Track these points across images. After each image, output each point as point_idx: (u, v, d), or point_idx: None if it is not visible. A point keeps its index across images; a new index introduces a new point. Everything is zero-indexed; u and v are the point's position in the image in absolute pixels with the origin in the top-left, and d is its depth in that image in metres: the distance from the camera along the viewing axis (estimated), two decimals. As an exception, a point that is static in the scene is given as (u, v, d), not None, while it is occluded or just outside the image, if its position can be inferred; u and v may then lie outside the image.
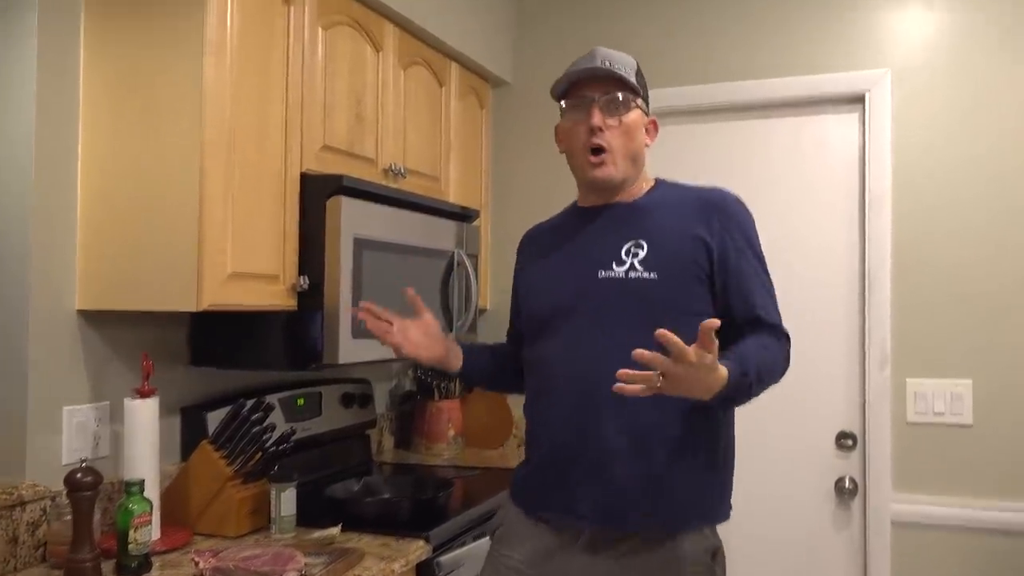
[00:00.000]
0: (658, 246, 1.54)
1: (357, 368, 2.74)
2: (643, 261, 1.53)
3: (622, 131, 1.57)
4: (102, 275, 1.80)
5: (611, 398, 1.45)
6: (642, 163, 1.64)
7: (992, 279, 2.54)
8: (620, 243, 1.56)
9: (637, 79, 1.60)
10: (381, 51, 2.35)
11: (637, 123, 1.60)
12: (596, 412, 1.51)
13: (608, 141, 1.57)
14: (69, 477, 1.58)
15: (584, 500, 1.51)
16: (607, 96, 1.57)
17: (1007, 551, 2.50)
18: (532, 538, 1.58)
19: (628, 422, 1.49)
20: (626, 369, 1.26)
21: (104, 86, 1.80)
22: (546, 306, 1.63)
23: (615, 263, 1.55)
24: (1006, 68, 2.55)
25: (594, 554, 1.51)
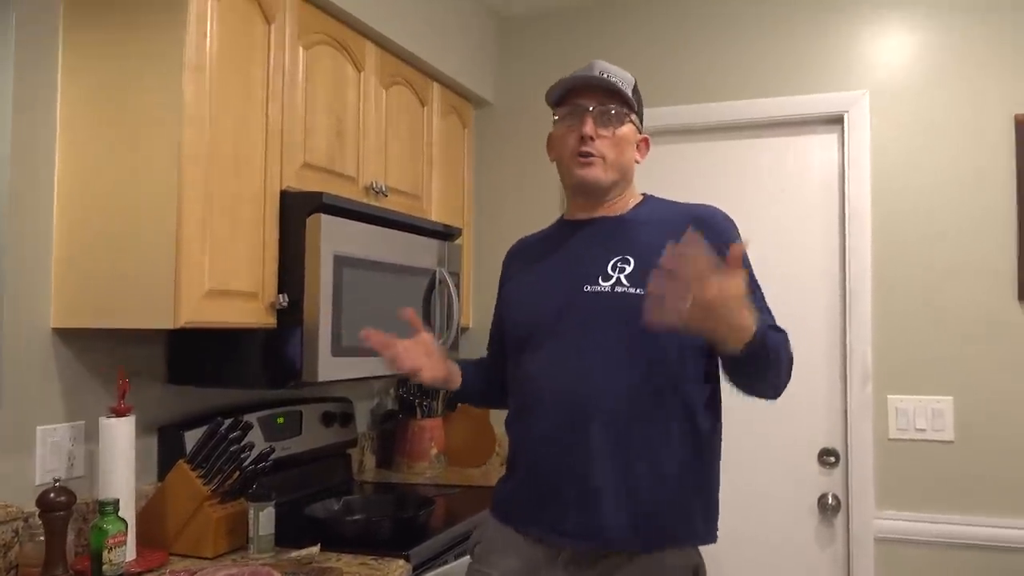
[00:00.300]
0: (645, 261, 1.51)
1: (338, 387, 2.73)
2: (629, 276, 1.52)
3: (613, 143, 1.58)
4: (78, 292, 1.79)
5: (597, 415, 1.48)
6: (630, 178, 1.65)
7: (971, 296, 2.56)
8: (607, 257, 1.55)
9: (634, 95, 1.60)
10: (362, 70, 2.36)
11: (628, 137, 1.60)
12: (582, 429, 1.49)
13: (598, 150, 1.57)
14: (42, 497, 1.56)
15: (568, 518, 1.49)
16: (601, 107, 1.57)
17: (989, 566, 2.50)
18: (512, 553, 1.56)
19: (614, 440, 1.48)
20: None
21: (82, 102, 1.79)
22: (530, 319, 1.62)
23: (601, 278, 1.54)
24: (979, 89, 2.59)
25: (576, 570, 1.50)
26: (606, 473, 1.47)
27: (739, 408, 1.63)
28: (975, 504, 2.53)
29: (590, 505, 1.47)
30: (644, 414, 1.49)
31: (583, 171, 1.58)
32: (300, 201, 1.99)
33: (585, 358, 1.52)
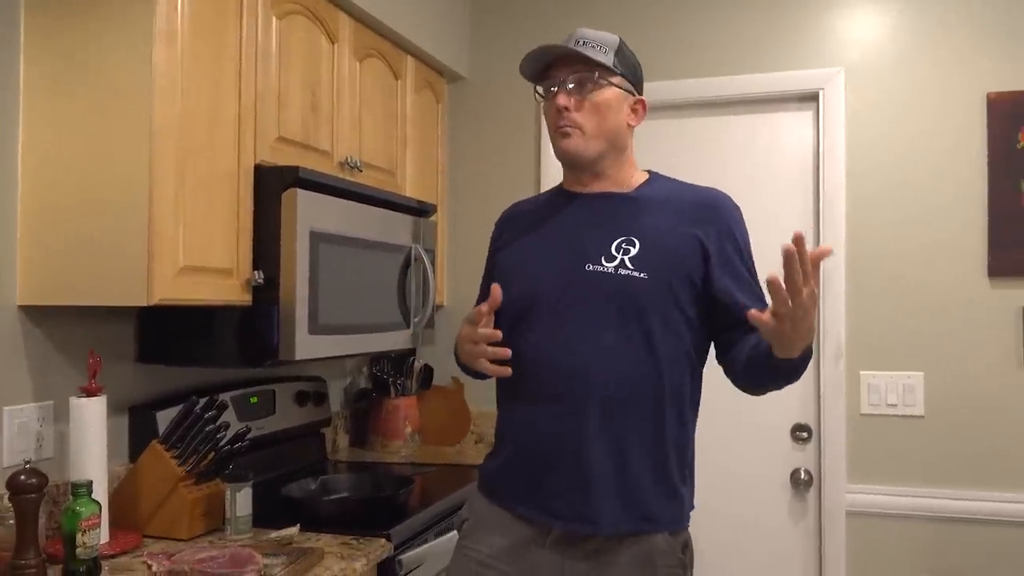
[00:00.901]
0: (650, 245, 1.50)
1: (311, 366, 2.69)
2: (634, 259, 1.49)
3: (592, 109, 1.54)
4: (45, 269, 1.73)
5: (592, 399, 1.48)
6: (622, 144, 1.60)
7: (942, 274, 2.60)
8: (610, 238, 1.52)
9: (618, 56, 1.56)
10: (336, 42, 2.31)
11: (610, 102, 1.55)
12: (576, 412, 1.48)
13: (575, 121, 1.54)
14: (12, 479, 1.51)
15: (558, 500, 1.49)
16: (574, 75, 1.54)
17: (958, 538, 2.55)
18: (501, 531, 1.55)
19: (608, 424, 1.47)
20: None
21: (47, 72, 1.72)
22: (526, 293, 1.57)
23: (604, 258, 1.51)
24: (952, 67, 2.61)
25: (564, 550, 1.49)
26: (599, 458, 1.47)
27: (713, 386, 1.63)
28: (945, 477, 2.57)
29: (582, 489, 1.47)
30: (639, 399, 1.48)
31: (562, 143, 1.56)
32: (275, 176, 1.94)
33: (583, 340, 1.50)
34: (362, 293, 2.21)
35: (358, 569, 1.70)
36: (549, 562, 1.50)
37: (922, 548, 2.58)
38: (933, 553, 2.57)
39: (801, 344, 1.31)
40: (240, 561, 1.49)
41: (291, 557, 1.61)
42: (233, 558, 1.50)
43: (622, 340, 1.48)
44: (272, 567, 1.55)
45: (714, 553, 2.77)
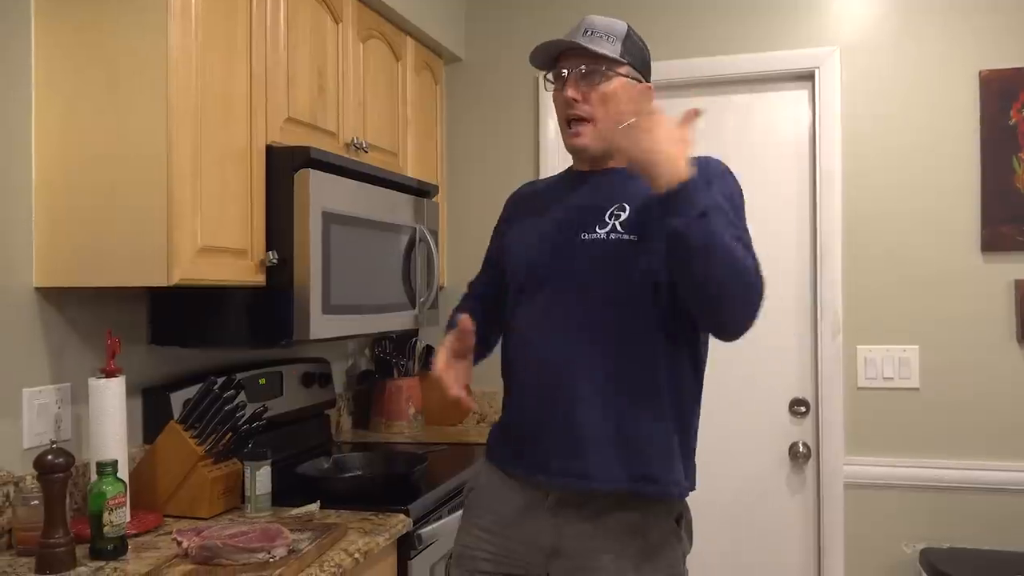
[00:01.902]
0: (640, 209, 1.53)
1: (314, 347, 2.70)
2: (624, 223, 1.53)
3: (600, 101, 1.57)
4: (62, 251, 1.72)
5: (585, 362, 1.50)
6: None
7: (936, 249, 2.65)
8: (606, 206, 1.56)
9: (625, 44, 1.59)
10: (341, 22, 2.31)
11: (617, 91, 1.57)
12: (570, 375, 1.51)
13: (587, 111, 1.57)
14: (40, 460, 1.52)
15: (553, 458, 1.51)
16: (581, 68, 1.57)
17: (952, 506, 2.62)
18: (503, 498, 1.59)
19: (601, 387, 1.50)
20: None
21: (59, 52, 1.71)
22: (526, 266, 1.61)
23: (598, 226, 1.55)
24: (946, 45, 2.65)
25: (561, 512, 1.52)
26: (594, 418, 1.49)
27: (713, 360, 1.66)
28: (939, 448, 2.64)
29: (575, 449, 1.49)
30: (632, 362, 1.51)
31: (572, 140, 1.60)
32: (287, 156, 1.94)
33: (577, 306, 1.53)
34: (370, 273, 2.23)
35: (381, 543, 1.73)
36: (547, 525, 1.52)
37: (918, 517, 2.65)
38: (929, 522, 2.64)
39: (657, 174, 1.35)
40: (270, 536, 1.50)
41: (316, 532, 1.63)
42: (263, 533, 1.51)
43: (615, 305, 1.51)
44: (299, 542, 1.56)
45: (713, 526, 2.83)
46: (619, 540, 1.48)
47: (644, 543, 1.49)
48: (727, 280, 1.37)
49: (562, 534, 1.51)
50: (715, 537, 2.83)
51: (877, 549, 2.68)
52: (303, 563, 1.50)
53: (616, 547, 1.48)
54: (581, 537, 1.50)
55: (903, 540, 2.66)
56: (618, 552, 1.48)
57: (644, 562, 1.48)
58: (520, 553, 1.55)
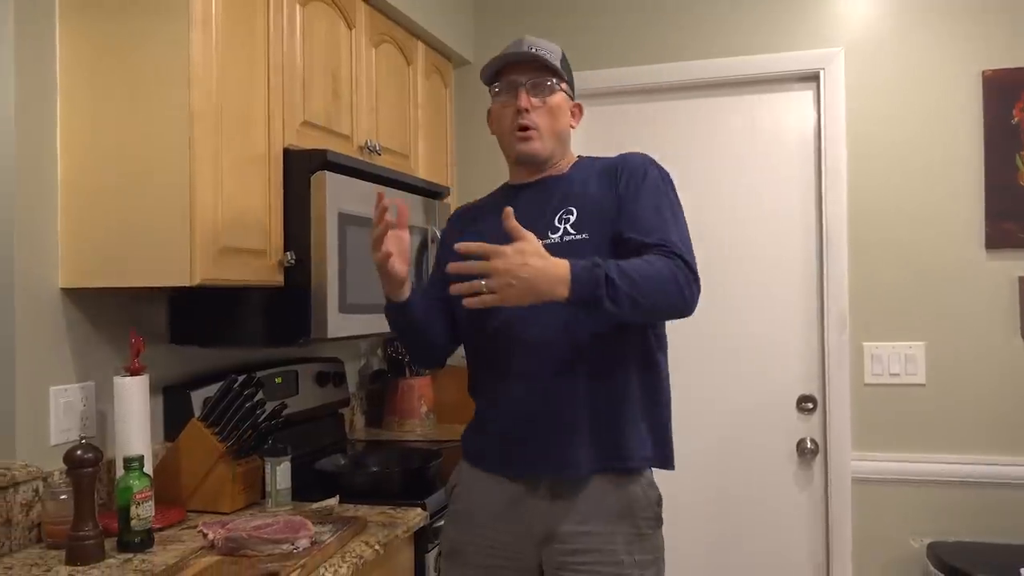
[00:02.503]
0: (584, 209, 1.63)
1: (329, 347, 2.75)
2: (574, 224, 1.62)
3: (547, 111, 1.67)
4: (86, 252, 1.77)
5: (560, 360, 1.58)
6: (567, 143, 1.74)
7: (942, 247, 2.69)
8: (551, 212, 1.65)
9: (562, 64, 1.70)
10: (354, 28, 2.35)
11: (561, 105, 1.69)
12: (547, 375, 1.58)
13: (534, 121, 1.66)
14: (70, 455, 1.57)
15: (539, 456, 1.58)
16: (533, 79, 1.66)
17: (959, 501, 2.65)
18: (489, 493, 1.64)
19: (577, 381, 1.57)
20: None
21: (83, 57, 1.76)
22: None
23: (550, 231, 1.62)
24: (949, 46, 2.69)
25: (556, 502, 1.58)
26: (573, 414, 1.57)
27: (720, 358, 1.71)
28: (946, 443, 2.68)
29: (559, 442, 1.57)
30: (603, 356, 1.59)
31: (523, 146, 1.67)
32: (304, 159, 1.99)
33: (543, 310, 1.53)
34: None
35: (399, 536, 1.77)
36: (540, 513, 1.59)
37: (925, 512, 2.68)
38: (936, 516, 2.67)
39: (551, 295, 1.39)
40: (294, 528, 1.55)
41: (337, 525, 1.68)
42: (287, 525, 1.56)
43: None
44: (321, 534, 1.61)
45: (721, 522, 2.87)
46: (610, 524, 1.57)
47: (634, 527, 1.58)
48: (664, 305, 1.49)
49: (555, 520, 1.58)
50: (723, 532, 2.87)
51: (885, 543, 2.72)
52: (326, 554, 1.54)
53: (607, 530, 1.57)
54: (574, 523, 1.57)
55: (910, 534, 2.69)
56: (609, 535, 1.57)
57: (633, 544, 1.58)
58: (509, 544, 1.61)
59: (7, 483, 1.62)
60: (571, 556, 1.56)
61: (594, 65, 3.00)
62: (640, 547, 1.58)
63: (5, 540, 1.62)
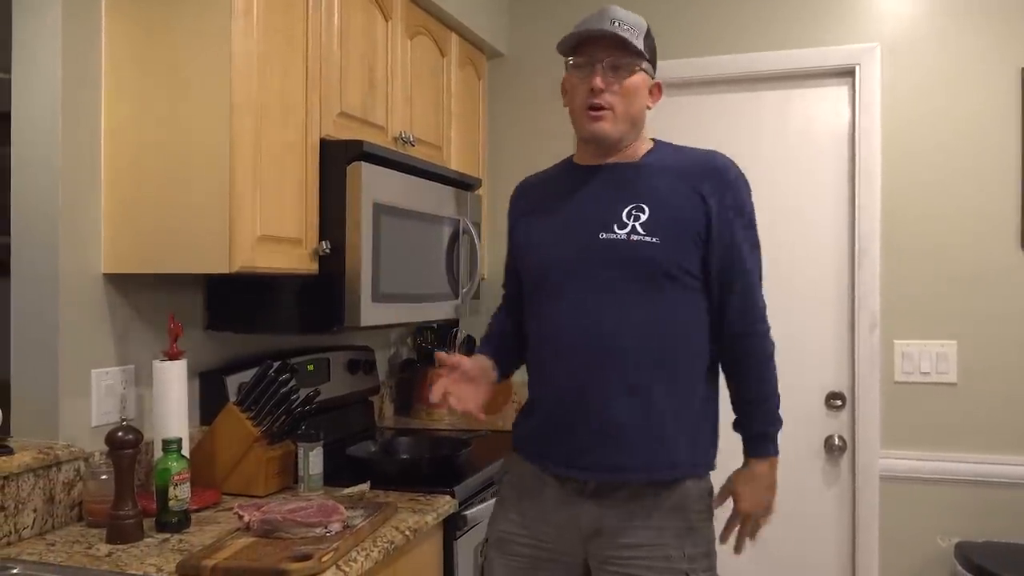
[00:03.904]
0: (658, 210, 1.58)
1: (360, 336, 2.78)
2: (644, 224, 1.57)
3: (622, 93, 1.61)
4: (128, 239, 1.81)
5: (613, 357, 1.57)
6: (641, 125, 1.68)
7: (976, 245, 2.66)
8: (621, 205, 1.60)
9: (645, 41, 1.63)
10: (390, 20, 2.37)
11: (638, 86, 1.63)
12: (599, 370, 1.57)
13: (608, 102, 1.61)
14: (111, 436, 1.61)
15: (588, 455, 1.58)
16: (610, 59, 1.60)
17: (987, 501, 2.64)
18: (537, 488, 1.65)
19: (630, 379, 1.56)
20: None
21: (128, 47, 1.80)
22: (546, 263, 1.67)
23: (616, 226, 1.59)
24: (988, 42, 2.66)
25: (601, 501, 1.58)
26: (623, 413, 1.56)
27: None
28: (976, 443, 2.66)
29: (609, 443, 1.56)
30: (658, 355, 1.57)
31: (593, 125, 1.62)
32: (341, 149, 2.02)
33: (602, 303, 1.58)
34: (416, 264, 2.29)
35: (429, 522, 1.80)
36: (589, 512, 1.59)
37: (953, 511, 2.66)
38: (964, 515, 2.65)
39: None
40: (327, 511, 1.58)
41: (369, 510, 1.71)
42: (320, 509, 1.59)
43: (639, 302, 1.57)
44: (353, 518, 1.64)
45: (749, 516, 2.87)
46: (661, 518, 1.56)
47: (684, 521, 1.57)
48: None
49: (604, 515, 1.58)
50: (750, 527, 2.87)
51: (912, 542, 2.71)
52: (358, 538, 1.57)
53: (657, 524, 1.56)
54: (623, 517, 1.57)
55: (938, 533, 2.68)
56: (659, 528, 1.56)
57: (685, 537, 1.57)
58: (554, 538, 1.62)
59: (50, 462, 1.67)
60: (617, 551, 1.56)
61: (627, 58, 3.00)
62: (691, 540, 1.57)
63: (48, 517, 1.67)
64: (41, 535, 1.64)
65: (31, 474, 1.63)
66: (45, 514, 1.67)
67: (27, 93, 1.76)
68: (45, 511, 1.67)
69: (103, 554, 1.52)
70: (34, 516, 1.64)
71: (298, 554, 1.44)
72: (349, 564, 1.48)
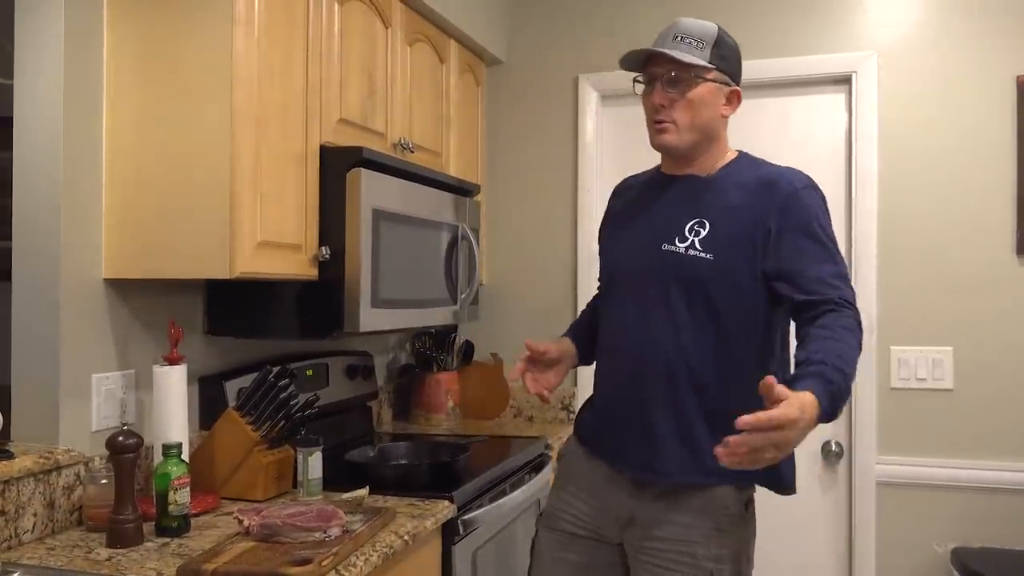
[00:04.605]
0: (718, 227, 1.61)
1: (359, 341, 2.79)
2: (703, 240, 1.61)
3: (686, 105, 1.63)
4: (129, 244, 1.82)
5: (658, 370, 1.62)
6: (715, 134, 1.69)
7: (972, 252, 2.68)
8: (685, 219, 1.64)
9: (715, 50, 1.63)
10: (390, 27, 2.39)
11: (704, 98, 1.64)
12: (644, 380, 1.65)
13: (672, 116, 1.64)
14: (112, 440, 1.61)
15: (629, 451, 1.67)
16: (672, 73, 1.63)
17: (984, 507, 2.65)
18: (588, 470, 1.75)
19: (673, 392, 1.62)
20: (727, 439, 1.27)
21: (129, 53, 1.80)
22: (614, 267, 1.79)
23: (678, 239, 1.63)
24: (984, 50, 2.68)
25: (638, 493, 1.66)
26: (664, 420, 1.62)
27: None
28: (972, 449, 2.67)
29: (649, 444, 1.64)
30: (702, 372, 1.61)
31: (658, 137, 1.68)
32: (340, 156, 2.03)
33: (654, 314, 1.64)
34: (415, 270, 2.31)
35: (428, 527, 1.80)
36: (624, 501, 1.67)
37: (950, 517, 2.68)
38: (960, 521, 2.67)
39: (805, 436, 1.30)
40: (326, 516, 1.58)
41: (367, 515, 1.71)
42: (319, 514, 1.59)
43: (688, 316, 1.61)
44: (352, 523, 1.64)
45: (747, 522, 2.87)
46: (691, 517, 1.61)
47: (714, 522, 1.61)
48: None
49: (638, 508, 1.66)
50: (747, 533, 2.88)
51: (908, 547, 2.72)
52: (357, 543, 1.58)
53: (687, 521, 1.61)
54: (656, 512, 1.64)
55: (934, 539, 2.69)
56: (688, 525, 1.61)
57: (712, 537, 1.60)
58: (597, 519, 1.72)
59: (50, 467, 1.67)
60: (649, 542, 1.63)
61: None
62: (719, 541, 1.60)
63: (48, 522, 1.67)
64: (41, 539, 1.64)
65: (31, 478, 1.64)
66: (45, 518, 1.67)
67: (29, 98, 1.76)
68: (45, 515, 1.67)
69: (103, 558, 1.53)
70: (34, 520, 1.64)
71: (298, 558, 1.45)
72: (348, 568, 1.49)
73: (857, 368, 1.43)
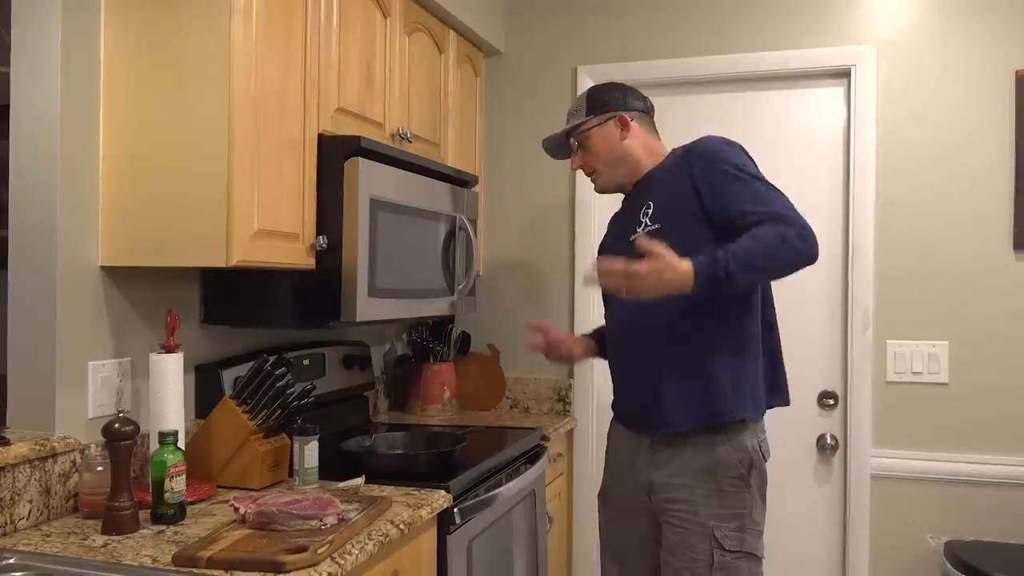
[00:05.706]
0: (659, 201, 1.93)
1: (355, 331, 2.79)
2: (651, 216, 1.92)
3: (593, 156, 2.04)
4: (126, 232, 1.82)
5: (646, 339, 1.92)
6: (632, 158, 2.02)
7: (969, 246, 2.68)
8: (639, 209, 1.97)
9: (588, 103, 2.03)
10: (388, 17, 2.38)
11: (597, 142, 2.02)
12: (635, 350, 1.96)
13: (591, 167, 2.06)
14: (108, 427, 1.61)
15: (642, 417, 1.96)
16: (574, 143, 2.07)
17: (977, 500, 2.66)
18: (622, 446, 2.07)
19: (660, 353, 1.90)
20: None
21: (126, 42, 1.80)
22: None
23: (637, 226, 1.95)
24: (983, 44, 2.68)
25: (657, 455, 1.93)
26: (657, 378, 1.90)
27: None
28: (966, 442, 2.68)
29: (653, 405, 1.91)
30: (685, 331, 1.87)
31: (595, 187, 2.12)
32: (338, 145, 2.03)
33: (631, 302, 1.81)
34: (412, 260, 2.30)
35: (423, 516, 1.81)
36: (646, 464, 1.95)
37: (943, 510, 2.69)
38: (954, 515, 2.68)
39: (676, 292, 1.69)
40: (322, 505, 1.59)
41: (363, 504, 1.72)
42: (315, 502, 1.60)
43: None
44: (348, 512, 1.65)
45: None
46: (694, 479, 1.86)
47: (714, 484, 1.84)
48: (786, 267, 1.74)
49: (655, 472, 1.92)
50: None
51: (902, 540, 2.73)
52: (353, 531, 1.58)
53: (691, 483, 1.86)
54: (667, 475, 1.90)
55: (928, 532, 2.70)
56: (692, 487, 1.86)
57: (713, 498, 1.84)
58: (632, 488, 1.99)
59: (46, 454, 1.68)
60: (664, 504, 1.90)
61: (622, 58, 3.02)
62: (720, 502, 1.83)
63: (44, 509, 1.68)
64: (37, 526, 1.64)
65: (27, 465, 1.64)
66: (41, 505, 1.67)
67: (26, 86, 1.76)
68: (41, 502, 1.67)
69: (99, 545, 1.53)
70: (30, 507, 1.65)
71: (293, 546, 1.45)
72: (344, 557, 1.49)
73: (781, 257, 1.71)
